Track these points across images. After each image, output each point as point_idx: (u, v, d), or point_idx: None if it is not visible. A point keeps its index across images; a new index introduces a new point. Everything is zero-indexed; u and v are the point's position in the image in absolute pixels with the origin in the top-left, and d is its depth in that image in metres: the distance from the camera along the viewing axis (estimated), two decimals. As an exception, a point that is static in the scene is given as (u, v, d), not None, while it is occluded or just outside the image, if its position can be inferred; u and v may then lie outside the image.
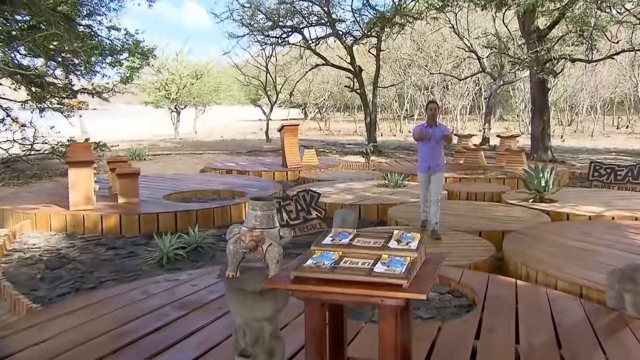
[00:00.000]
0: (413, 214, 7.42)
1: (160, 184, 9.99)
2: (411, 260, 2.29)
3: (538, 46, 14.34)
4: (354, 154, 17.70)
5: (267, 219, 2.52)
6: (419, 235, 2.54)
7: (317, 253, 2.38)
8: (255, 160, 15.04)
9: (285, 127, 13.55)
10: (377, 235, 2.57)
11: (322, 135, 29.78)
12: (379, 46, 18.57)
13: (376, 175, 11.80)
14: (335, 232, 2.59)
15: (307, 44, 18.63)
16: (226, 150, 19.09)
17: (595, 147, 20.93)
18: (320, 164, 13.73)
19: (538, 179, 8.15)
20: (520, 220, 7.01)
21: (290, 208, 7.42)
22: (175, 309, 4.04)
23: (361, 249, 2.39)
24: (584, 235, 6.10)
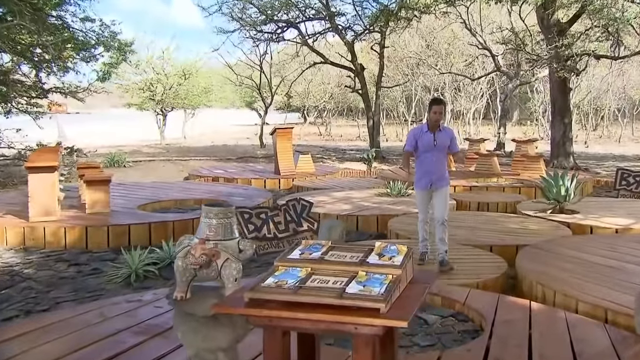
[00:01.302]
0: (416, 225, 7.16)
1: (136, 192, 9.80)
2: (393, 279, 2.05)
3: (558, 41, 14.13)
4: (355, 160, 17.55)
5: (223, 228, 2.30)
6: (405, 249, 2.30)
7: (281, 270, 2.14)
8: (245, 167, 14.92)
9: (278, 130, 13.43)
10: (355, 249, 2.34)
11: (322, 140, 29.69)
12: (383, 43, 18.46)
13: (378, 183, 11.66)
14: (305, 245, 2.36)
15: (304, 40, 18.51)
16: (215, 156, 19.00)
17: (623, 154, 20.70)
18: (316, 171, 13.62)
19: (557, 187, 7.97)
20: (536, 233, 6.85)
21: (278, 219, 7.24)
22: (134, 334, 3.81)
23: (334, 265, 2.16)
24: (609, 251, 5.93)
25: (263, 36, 19.06)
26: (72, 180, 11.40)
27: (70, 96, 13.64)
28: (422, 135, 5.47)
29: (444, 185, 5.56)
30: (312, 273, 2.11)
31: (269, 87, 23.60)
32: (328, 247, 2.33)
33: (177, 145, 23.76)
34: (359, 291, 1.96)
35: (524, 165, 12.21)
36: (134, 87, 25.06)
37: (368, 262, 2.18)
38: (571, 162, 15.35)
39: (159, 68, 25.10)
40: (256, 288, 2.01)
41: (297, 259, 2.22)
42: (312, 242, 2.39)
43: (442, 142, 5.45)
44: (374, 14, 17.92)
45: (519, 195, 10.11)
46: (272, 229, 7.10)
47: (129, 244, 6.86)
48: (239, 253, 2.32)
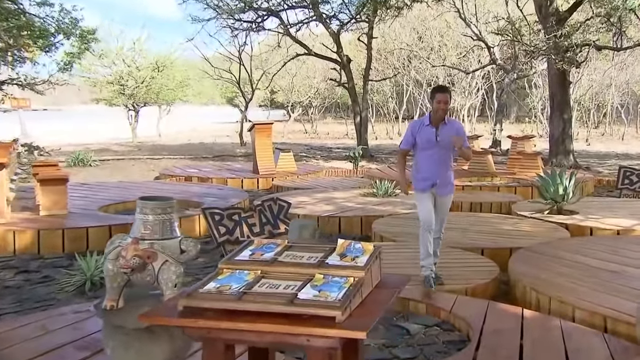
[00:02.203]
0: (402, 227, 7.19)
1: (98, 193, 9.59)
2: (354, 282, 1.88)
3: (557, 31, 14.10)
4: (342, 159, 17.44)
5: (162, 225, 2.11)
6: (371, 248, 2.13)
7: (225, 273, 1.96)
8: (222, 166, 14.80)
9: (256, 125, 13.29)
10: (316, 248, 2.16)
11: (308, 138, 29.61)
12: (371, 33, 18.38)
13: (364, 183, 11.64)
14: (258, 244, 2.18)
15: (286, 30, 18.34)
16: (191, 155, 18.88)
17: (627, 152, 20.79)
18: (298, 169, 13.60)
19: (555, 186, 7.91)
20: (532, 235, 6.78)
21: (252, 221, 7.08)
22: (77, 349, 3.62)
23: (288, 267, 1.99)
24: (610, 254, 5.86)
25: (242, 25, 18.86)
26: (31, 181, 11.14)
27: (28, 89, 13.30)
28: (422, 130, 4.86)
29: (447, 193, 4.98)
30: (262, 276, 1.94)
31: (250, 81, 23.38)
32: (284, 247, 2.16)
33: (150, 144, 23.53)
34: (313, 297, 1.79)
35: (520, 163, 12.17)
36: (103, 81, 24.71)
37: (327, 263, 2.01)
38: (571, 160, 15.34)
39: (129, 60, 24.77)
40: (193, 294, 1.83)
41: (246, 260, 2.04)
42: (266, 241, 2.22)
43: (446, 137, 4.79)
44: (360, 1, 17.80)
45: (514, 195, 10.07)
46: (245, 232, 6.93)
47: (87, 249, 6.64)
48: (181, 254, 2.13)
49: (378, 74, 29.59)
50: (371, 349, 3.95)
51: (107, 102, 25.97)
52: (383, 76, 27.55)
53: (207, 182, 11.79)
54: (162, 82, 25.52)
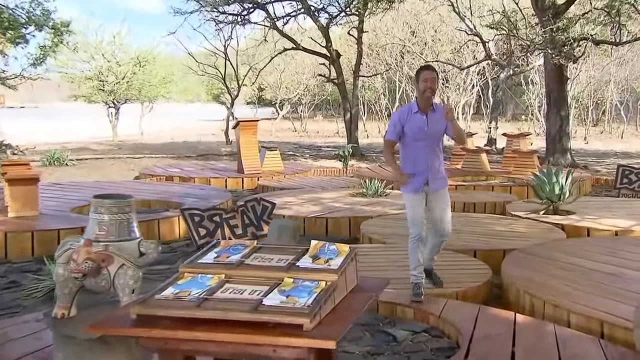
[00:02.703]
0: (391, 228, 7.11)
1: (72, 193, 9.45)
2: (326, 287, 1.78)
3: (553, 25, 14.10)
4: (331, 158, 17.38)
5: (118, 226, 2.01)
6: (346, 249, 2.04)
7: (187, 277, 1.86)
8: (205, 165, 14.71)
9: (241, 123, 13.17)
10: (287, 250, 2.07)
11: (297, 137, 29.56)
12: (361, 27, 18.33)
13: (353, 182, 11.57)
14: (225, 245, 2.08)
15: (273, 23, 18.24)
16: (173, 153, 18.78)
17: (626, 150, 20.87)
18: (285, 169, 13.55)
19: (551, 185, 7.87)
20: (526, 236, 6.73)
21: (234, 222, 7.02)
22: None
23: (256, 270, 1.89)
24: (607, 256, 5.80)
25: (226, 18, 18.73)
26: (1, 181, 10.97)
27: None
28: (411, 118, 4.49)
29: (442, 186, 4.64)
30: (226, 281, 1.84)
31: (236, 77, 23.26)
32: (252, 249, 2.06)
33: (131, 142, 23.37)
34: (280, 303, 1.69)
35: (515, 162, 12.14)
36: (81, 77, 24.50)
37: (298, 266, 1.92)
38: (568, 159, 15.34)
39: (109, 55, 24.56)
40: (147, 301, 1.73)
41: (210, 263, 1.94)
42: (233, 242, 2.12)
43: (435, 125, 4.48)
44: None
45: (509, 195, 10.03)
46: (227, 234, 6.90)
47: (59, 252, 6.49)
48: (139, 257, 2.02)
49: (370, 69, 29.55)
50: (355, 357, 3.86)
51: (86, 99, 25.75)
52: (375, 72, 27.50)
53: (189, 182, 11.71)
54: (144, 78, 25.37)
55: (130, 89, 24.90)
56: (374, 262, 5.75)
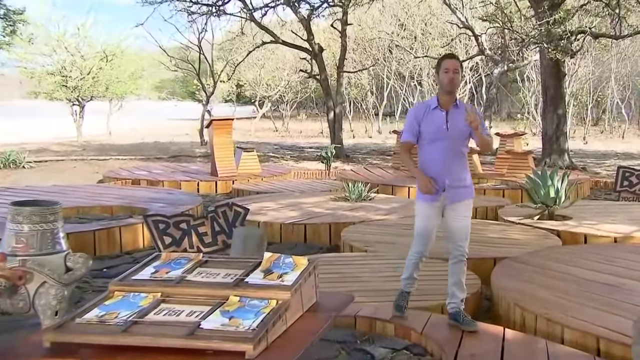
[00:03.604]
0: (374, 235, 7.08)
1: (25, 199, 9.21)
2: (277, 307, 1.66)
3: (550, 17, 14.12)
4: (313, 159, 17.30)
5: (40, 238, 1.87)
6: (304, 262, 1.91)
7: (117, 296, 1.73)
8: (176, 167, 14.57)
9: (214, 122, 13.06)
10: (237, 263, 1.94)
11: (278, 137, 29.44)
12: (345, 19, 18.27)
13: (336, 186, 11.61)
14: (165, 259, 1.95)
15: (250, 15, 18.11)
16: (143, 155, 18.62)
17: (627, 151, 20.98)
18: (263, 171, 13.51)
19: (546, 188, 7.84)
20: (519, 243, 6.70)
21: (203, 230, 6.87)
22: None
23: (197, 288, 1.76)
24: (606, 264, 5.77)
25: (200, 9, 18.58)
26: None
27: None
28: (429, 115, 4.16)
29: (465, 196, 4.24)
30: (163, 300, 1.71)
31: (211, 73, 23.11)
32: (197, 262, 1.93)
33: (97, 143, 23.10)
34: (221, 326, 1.56)
35: (509, 163, 12.15)
36: (42, 72, 24.20)
37: (247, 282, 1.79)
38: (566, 160, 15.37)
39: (73, 48, 24.28)
40: (65, 326, 1.59)
41: (146, 279, 1.81)
42: (176, 255, 1.98)
43: (458, 124, 4.12)
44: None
45: (502, 199, 10.04)
46: (195, 242, 6.74)
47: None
48: (65, 273, 1.88)
49: (356, 65, 29.52)
50: (329, 379, 3.75)
51: (48, 96, 25.42)
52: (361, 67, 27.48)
53: (157, 186, 11.61)
54: (112, 74, 25.11)
55: (96, 86, 24.63)
56: (353, 272, 5.69)
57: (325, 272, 5.68)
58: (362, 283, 5.27)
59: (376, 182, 11.41)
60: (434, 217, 4.22)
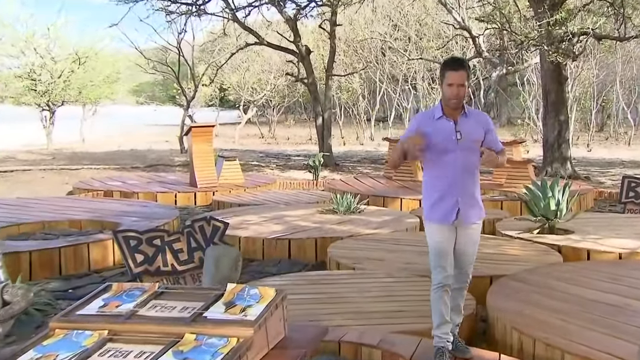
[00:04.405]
0: (363, 251, 7.02)
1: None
2: (237, 345, 1.57)
3: (550, 17, 14.16)
4: (301, 168, 17.26)
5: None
6: (271, 293, 1.83)
7: (58, 335, 1.63)
8: (153, 177, 14.47)
9: (193, 129, 12.95)
10: (195, 295, 1.85)
11: (264, 143, 29.40)
12: (334, 19, 18.26)
13: (324, 197, 11.55)
14: (117, 290, 1.86)
15: (233, 14, 18.07)
16: (118, 164, 18.51)
17: (634, 159, 21.08)
18: (246, 181, 13.45)
19: (546, 199, 7.78)
20: (517, 259, 6.65)
21: (179, 246, 6.78)
22: None
23: (149, 324, 1.67)
24: (610, 283, 5.72)
25: (179, 8, 18.52)
26: None
27: None
28: (434, 125, 3.97)
29: (476, 217, 4.11)
30: (110, 339, 1.62)
31: (192, 76, 23.04)
32: (151, 294, 1.84)
33: (69, 151, 22.95)
34: (172, 370, 1.47)
35: (508, 173, 12.12)
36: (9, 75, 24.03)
37: (205, 317, 1.70)
38: (568, 169, 15.40)
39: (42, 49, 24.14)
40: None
41: (92, 314, 1.72)
42: (129, 285, 1.89)
43: (470, 134, 3.95)
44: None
45: (500, 211, 10.00)
46: (169, 260, 6.64)
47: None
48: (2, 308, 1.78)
49: (347, 68, 29.56)
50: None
51: (15, 100, 25.25)
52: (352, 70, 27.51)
53: (131, 198, 11.53)
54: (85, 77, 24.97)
55: (68, 89, 24.49)
56: (339, 291, 5.62)
57: (309, 292, 5.63)
58: (348, 304, 5.20)
59: (366, 193, 11.37)
60: (449, 239, 4.04)
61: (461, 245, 4.08)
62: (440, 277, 4.04)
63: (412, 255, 6.76)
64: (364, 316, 4.93)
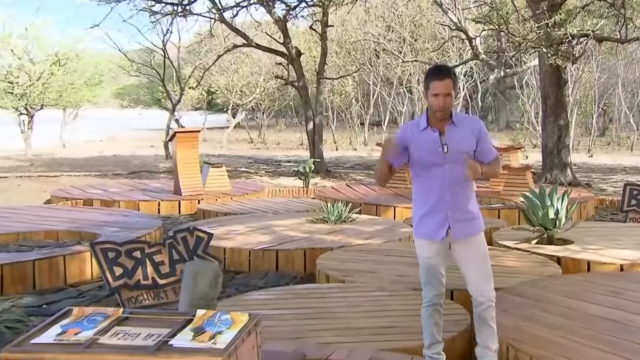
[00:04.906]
0: (354, 263, 6.96)
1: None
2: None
3: (549, 18, 14.19)
4: (291, 175, 17.23)
5: None
6: (244, 319, 1.76)
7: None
8: (136, 185, 14.41)
9: (178, 134, 12.89)
10: (163, 320, 1.78)
11: (253, 149, 29.40)
12: (325, 20, 18.26)
13: (315, 205, 11.51)
14: (77, 316, 1.79)
15: (220, 15, 18.04)
16: (99, 171, 18.45)
17: (636, 165, 21.14)
18: (233, 189, 13.44)
19: (545, 208, 7.74)
20: (514, 271, 6.60)
21: (160, 258, 6.72)
22: None
23: (110, 354, 1.60)
24: (611, 297, 5.69)
25: (163, 8, 18.46)
26: None
27: None
28: (419, 136, 3.91)
29: (472, 231, 4.00)
30: (66, 369, 1.55)
31: (177, 78, 23.00)
32: (115, 319, 1.77)
33: (48, 157, 22.88)
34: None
35: (505, 179, 12.11)
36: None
37: (171, 345, 1.63)
38: (569, 175, 15.40)
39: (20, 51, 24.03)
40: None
41: (48, 343, 1.65)
42: (90, 310, 1.82)
43: (458, 145, 3.86)
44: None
45: (497, 220, 9.98)
46: (150, 273, 6.60)
47: None
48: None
49: (339, 70, 29.58)
50: None
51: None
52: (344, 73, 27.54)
53: (112, 207, 11.50)
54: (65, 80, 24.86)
55: (47, 92, 24.39)
56: (328, 306, 5.56)
57: (295, 307, 5.57)
58: (337, 320, 5.14)
59: (359, 202, 11.36)
60: (437, 255, 3.99)
61: (464, 259, 4.00)
62: (429, 295, 4.05)
63: (405, 267, 6.71)
64: (353, 332, 4.87)
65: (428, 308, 4.05)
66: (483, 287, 4.00)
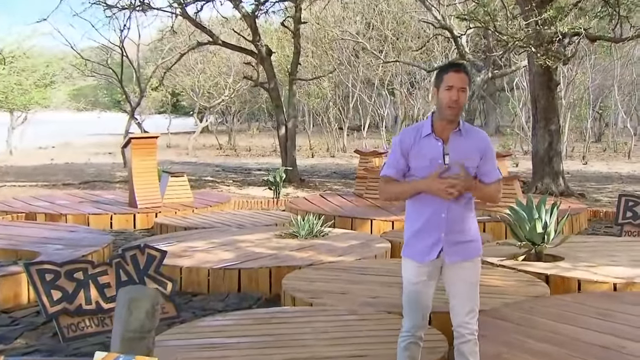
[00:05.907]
0: (324, 283, 6.90)
1: None
2: None
3: (539, 16, 14.25)
4: (261, 184, 17.14)
5: None
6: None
7: None
8: (87, 196, 14.23)
9: (133, 140, 12.74)
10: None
11: (222, 155, 29.31)
12: (298, 16, 18.25)
13: (285, 218, 11.50)
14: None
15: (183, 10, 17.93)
16: (48, 180, 18.27)
17: (633, 173, 21.31)
18: (195, 200, 13.36)
19: (532, 221, 7.71)
20: (498, 292, 6.58)
21: (105, 280, 6.57)
22: None
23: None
24: (602, 320, 5.68)
25: (120, 2, 18.31)
26: None
27: None
28: (420, 144, 3.79)
29: (468, 256, 3.87)
30: None
31: (136, 78, 22.83)
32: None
33: (-10, 165, 22.65)
34: None
35: (491, 190, 12.07)
36: None
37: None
38: (561, 184, 15.49)
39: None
40: None
41: None
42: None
43: (460, 156, 3.74)
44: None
45: (482, 234, 9.80)
46: (93, 297, 6.43)
47: None
48: None
49: (316, 71, 29.56)
50: None
51: None
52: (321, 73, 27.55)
53: (58, 221, 11.33)
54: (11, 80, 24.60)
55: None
56: (292, 332, 5.49)
57: (255, 334, 5.45)
58: (300, 348, 5.04)
59: (332, 214, 11.33)
60: (426, 280, 3.84)
61: (453, 285, 3.87)
62: (408, 325, 3.91)
63: (380, 287, 6.66)
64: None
65: (405, 339, 3.91)
66: (466, 320, 3.88)
